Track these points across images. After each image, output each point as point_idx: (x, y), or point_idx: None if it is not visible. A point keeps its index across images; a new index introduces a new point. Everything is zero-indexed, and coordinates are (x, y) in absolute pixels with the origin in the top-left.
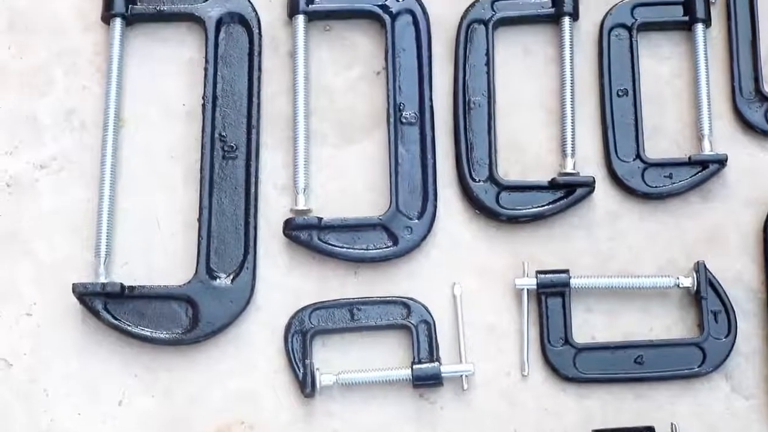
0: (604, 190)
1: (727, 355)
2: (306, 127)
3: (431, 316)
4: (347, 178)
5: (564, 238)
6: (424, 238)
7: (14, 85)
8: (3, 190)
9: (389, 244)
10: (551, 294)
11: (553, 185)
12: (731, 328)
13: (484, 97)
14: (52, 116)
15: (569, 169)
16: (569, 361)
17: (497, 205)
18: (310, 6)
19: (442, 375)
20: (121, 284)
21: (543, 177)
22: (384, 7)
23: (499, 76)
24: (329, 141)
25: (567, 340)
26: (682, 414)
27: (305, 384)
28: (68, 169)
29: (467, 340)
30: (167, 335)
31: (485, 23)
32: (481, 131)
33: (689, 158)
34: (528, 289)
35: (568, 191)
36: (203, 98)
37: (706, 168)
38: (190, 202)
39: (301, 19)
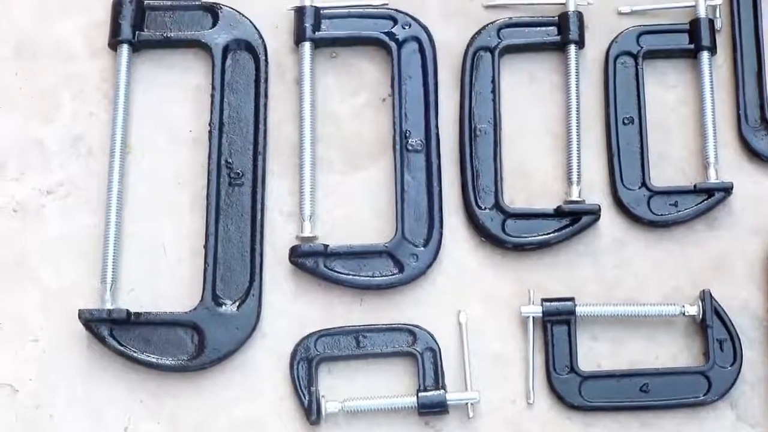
0: (609, 218)
1: (733, 384)
2: (312, 153)
3: (437, 343)
4: (353, 205)
5: (570, 265)
6: (430, 265)
7: (21, 111)
8: (10, 216)
9: (395, 272)
10: (557, 322)
11: (558, 213)
12: (737, 356)
13: (490, 125)
14: (59, 142)
15: (575, 197)
16: (575, 389)
17: (503, 233)
18: (316, 33)
19: (448, 402)
20: (127, 311)
21: (549, 204)
22: (390, 35)
23: (505, 104)
24: (335, 168)
25: (572, 368)
26: None
27: (311, 411)
28: (75, 195)
29: (473, 368)
30: (173, 362)
31: (491, 50)
32: (487, 158)
33: (695, 186)
34: (533, 317)
35: (574, 219)
36: (210, 125)
37: (712, 196)
38: (196, 228)
39: (307, 46)
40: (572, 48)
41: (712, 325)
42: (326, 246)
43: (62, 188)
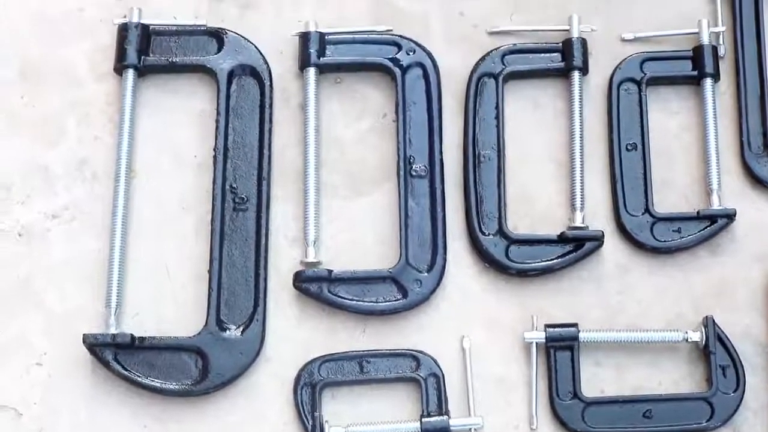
0: (613, 244)
1: (736, 410)
2: (316, 179)
3: (440, 369)
4: (357, 230)
5: (573, 291)
6: (434, 291)
7: (26, 135)
8: (15, 240)
9: (399, 297)
10: (560, 348)
11: (562, 239)
12: (739, 382)
13: (494, 151)
14: (64, 166)
15: (578, 223)
16: (578, 415)
17: (506, 259)
18: (321, 59)
19: (451, 428)
20: (132, 335)
21: (552, 230)
22: (395, 60)
23: (509, 130)
24: (339, 193)
25: (576, 394)
26: None
27: None
28: (80, 219)
29: (476, 393)
30: (177, 386)
31: (495, 77)
32: (491, 184)
33: (698, 213)
34: (537, 343)
35: (577, 245)
36: (214, 150)
37: (715, 222)
38: (200, 253)
39: (312, 71)
40: (576, 74)
41: (714, 351)
42: (330, 271)
43: (67, 212)
